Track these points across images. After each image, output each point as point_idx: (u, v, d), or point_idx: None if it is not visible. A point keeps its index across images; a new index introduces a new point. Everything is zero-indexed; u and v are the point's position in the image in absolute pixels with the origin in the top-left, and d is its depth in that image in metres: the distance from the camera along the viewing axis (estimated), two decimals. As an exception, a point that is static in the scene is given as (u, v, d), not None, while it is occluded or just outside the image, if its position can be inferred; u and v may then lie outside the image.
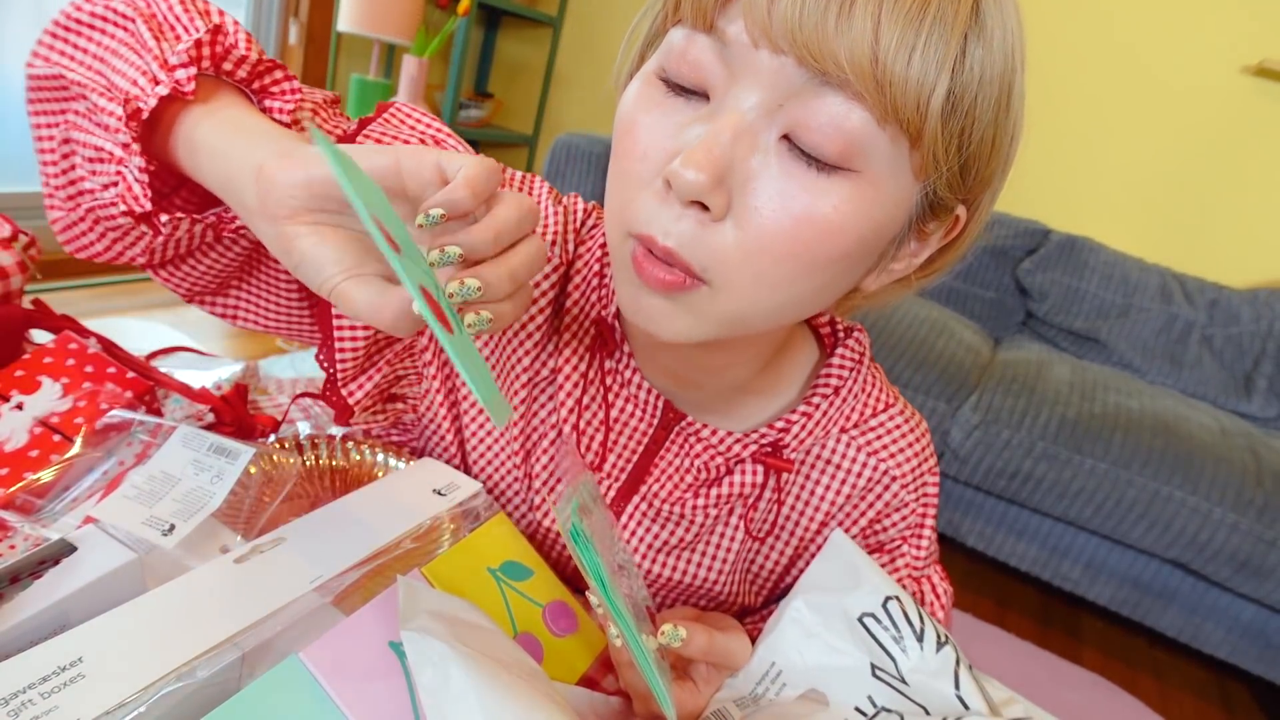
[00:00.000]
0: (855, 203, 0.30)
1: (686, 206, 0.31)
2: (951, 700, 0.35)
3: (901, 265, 0.37)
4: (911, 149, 0.30)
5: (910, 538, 0.46)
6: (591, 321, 0.44)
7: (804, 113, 0.29)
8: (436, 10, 2.45)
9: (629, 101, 0.34)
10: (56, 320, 0.52)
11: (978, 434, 1.51)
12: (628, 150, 0.33)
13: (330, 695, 0.28)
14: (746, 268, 0.31)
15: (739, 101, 0.30)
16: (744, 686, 0.38)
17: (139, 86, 0.34)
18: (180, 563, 0.35)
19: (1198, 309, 1.82)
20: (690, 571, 0.46)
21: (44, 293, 1.75)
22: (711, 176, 0.29)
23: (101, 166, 0.37)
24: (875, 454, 0.44)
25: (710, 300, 0.33)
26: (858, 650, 0.37)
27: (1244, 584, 1.40)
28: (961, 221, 0.36)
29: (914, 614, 0.37)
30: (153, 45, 0.35)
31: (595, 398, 0.44)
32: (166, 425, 0.43)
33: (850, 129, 0.29)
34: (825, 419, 0.43)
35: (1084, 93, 2.04)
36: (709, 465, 0.43)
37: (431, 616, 0.29)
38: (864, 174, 0.30)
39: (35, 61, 0.38)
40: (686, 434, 0.43)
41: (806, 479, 0.45)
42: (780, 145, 0.30)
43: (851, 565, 0.39)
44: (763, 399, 0.44)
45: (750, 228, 0.31)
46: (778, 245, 0.31)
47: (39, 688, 0.26)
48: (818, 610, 0.38)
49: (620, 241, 0.34)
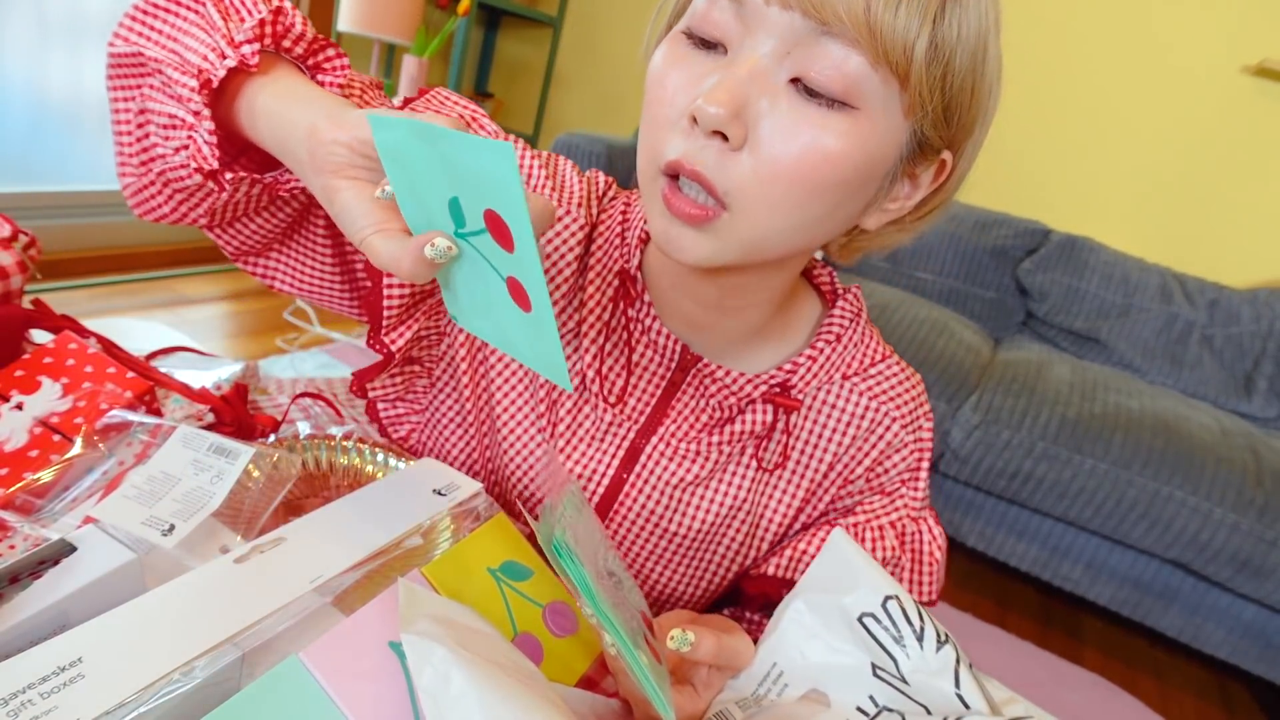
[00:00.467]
0: (854, 135, 0.35)
1: (709, 137, 0.35)
2: (952, 699, 0.35)
3: (896, 205, 0.41)
4: (901, 90, 0.35)
5: (909, 480, 0.50)
6: (614, 274, 0.48)
7: (809, 57, 0.34)
8: (436, 10, 2.45)
9: (658, 59, 0.39)
10: (56, 320, 0.52)
11: (978, 434, 1.51)
12: (658, 98, 0.38)
13: (330, 695, 0.28)
14: (761, 192, 0.36)
15: (754, 49, 0.35)
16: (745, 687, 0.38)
17: (209, 61, 0.38)
18: (180, 563, 0.35)
19: (1198, 309, 1.82)
20: (704, 508, 0.49)
21: (44, 293, 1.75)
22: (730, 110, 0.34)
23: (174, 133, 0.41)
24: (876, 398, 0.49)
25: (730, 225, 0.37)
26: (858, 650, 0.37)
27: (1244, 584, 1.40)
28: (948, 166, 0.41)
29: (914, 613, 0.37)
30: (220, 25, 0.39)
31: (617, 344, 0.48)
32: (166, 425, 0.43)
33: (849, 70, 0.34)
34: (829, 363, 0.48)
35: (1085, 93, 2.04)
36: (723, 405, 0.47)
37: (431, 620, 0.29)
38: (861, 110, 0.35)
39: (116, 41, 0.42)
40: (702, 376, 0.47)
41: (814, 423, 0.48)
42: (789, 87, 0.35)
43: (851, 565, 0.39)
44: (772, 345, 0.48)
45: (764, 156, 0.35)
46: (787, 171, 0.35)
47: (39, 688, 0.26)
48: (818, 610, 0.38)
49: (652, 179, 0.39)
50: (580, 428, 0.50)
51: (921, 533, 0.49)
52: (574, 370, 0.49)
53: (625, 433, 0.49)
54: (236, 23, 0.40)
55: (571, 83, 2.77)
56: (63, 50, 1.81)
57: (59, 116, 1.87)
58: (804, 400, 0.48)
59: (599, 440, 0.50)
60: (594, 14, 2.67)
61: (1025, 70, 2.09)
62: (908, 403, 0.50)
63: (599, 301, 0.48)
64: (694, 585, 0.53)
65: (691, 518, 0.50)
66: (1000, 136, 1.84)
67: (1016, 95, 2.11)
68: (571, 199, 0.49)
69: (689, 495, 0.49)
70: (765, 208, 0.36)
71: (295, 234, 0.50)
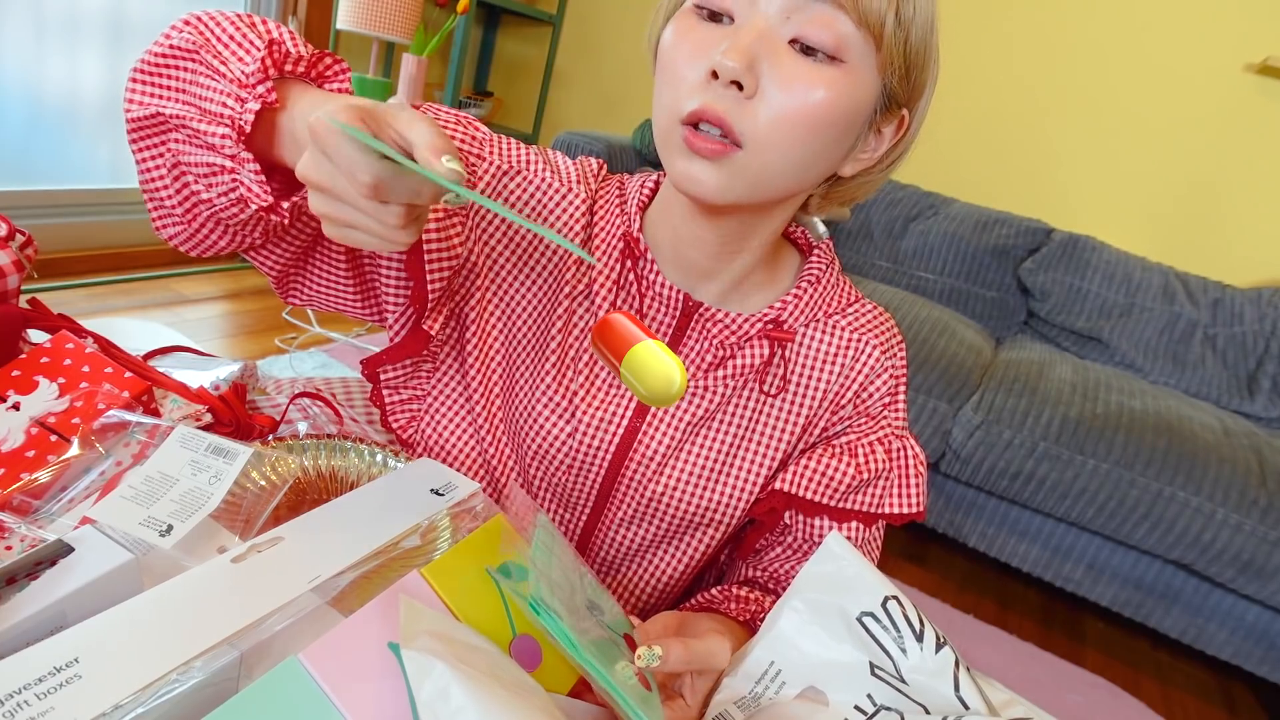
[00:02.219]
0: (842, 84, 0.43)
1: (727, 87, 0.42)
2: (951, 700, 0.35)
3: (867, 155, 0.49)
4: (876, 50, 0.43)
5: (889, 404, 0.56)
6: (618, 238, 0.54)
7: (805, 20, 0.42)
8: (436, 8, 2.45)
9: (670, 34, 0.45)
10: (53, 320, 0.52)
11: (979, 434, 1.51)
12: (674, 64, 0.44)
13: (329, 696, 0.27)
14: (771, 132, 0.43)
15: (760, 12, 0.42)
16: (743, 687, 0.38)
17: (228, 106, 0.43)
18: (178, 563, 0.35)
19: (1200, 308, 1.82)
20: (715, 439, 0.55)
21: (41, 292, 1.75)
22: (745, 63, 0.41)
23: (217, 179, 0.45)
24: (856, 330, 0.56)
25: (744, 162, 0.44)
26: (856, 649, 0.37)
27: (1247, 585, 1.40)
28: (906, 122, 0.49)
29: (913, 614, 0.37)
30: (224, 70, 0.44)
31: (626, 299, 0.54)
32: (164, 425, 0.43)
33: (838, 30, 0.42)
34: (812, 302, 0.55)
35: (1087, 91, 2.04)
36: (724, 344, 0.53)
37: (431, 636, 0.29)
38: (848, 64, 0.43)
39: (130, 106, 0.47)
40: (704, 319, 0.53)
41: (805, 355, 0.55)
42: (789, 47, 0.42)
43: (849, 566, 0.38)
44: (763, 290, 0.55)
45: (774, 102, 0.42)
46: (791, 115, 0.42)
47: (35, 688, 0.26)
48: (816, 609, 0.38)
49: (671, 130, 0.45)
50: (596, 379, 0.55)
51: (906, 449, 0.56)
52: (588, 327, 0.55)
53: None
54: (236, 63, 0.44)
55: (571, 81, 2.77)
56: (60, 49, 1.81)
57: (56, 115, 1.87)
58: (795, 335, 0.54)
59: (614, 389, 0.55)
60: (594, 12, 2.67)
61: (1027, 69, 2.09)
62: (883, 334, 0.57)
63: (606, 263, 0.54)
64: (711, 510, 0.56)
65: (705, 449, 0.55)
66: (1002, 136, 1.85)
67: (1018, 94, 2.11)
68: (570, 177, 0.55)
69: (701, 429, 0.55)
70: (773, 146, 0.43)
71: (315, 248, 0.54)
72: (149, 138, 0.48)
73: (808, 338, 0.55)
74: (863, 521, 0.55)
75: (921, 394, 1.57)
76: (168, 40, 0.46)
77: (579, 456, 0.55)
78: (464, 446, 0.58)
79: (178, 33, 0.46)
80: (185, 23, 0.47)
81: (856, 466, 0.54)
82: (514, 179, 0.53)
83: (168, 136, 0.48)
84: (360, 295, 0.56)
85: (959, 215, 2.03)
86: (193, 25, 0.47)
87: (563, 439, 0.54)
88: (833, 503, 0.54)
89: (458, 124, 0.53)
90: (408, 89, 2.07)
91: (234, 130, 0.43)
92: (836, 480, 0.54)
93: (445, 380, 0.59)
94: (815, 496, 0.54)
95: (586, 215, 0.55)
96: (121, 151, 2.02)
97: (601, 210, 0.56)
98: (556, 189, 0.54)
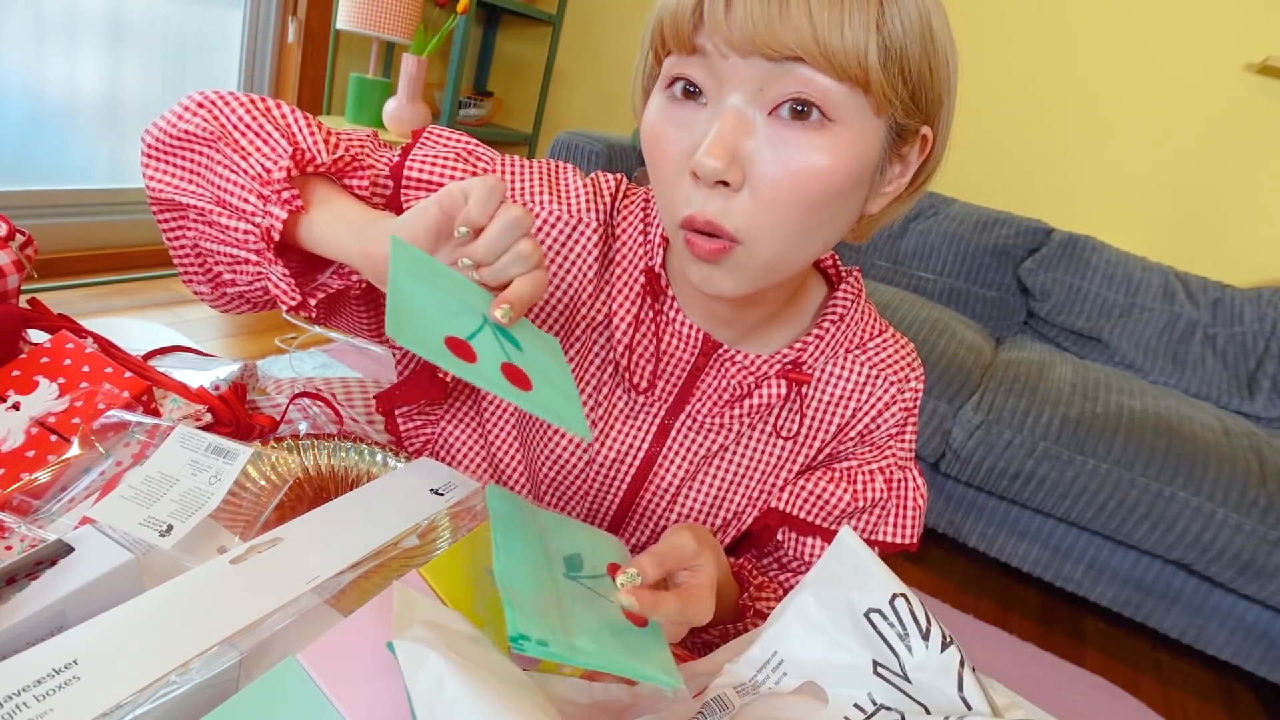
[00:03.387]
0: (836, 147, 0.39)
1: (713, 187, 0.40)
2: (954, 700, 0.35)
3: (892, 187, 0.45)
4: (866, 95, 0.39)
5: (896, 435, 0.56)
6: (640, 271, 0.53)
7: (780, 89, 0.38)
8: (436, 8, 2.45)
9: (651, 118, 0.43)
10: (53, 320, 0.52)
11: (979, 434, 1.51)
12: (660, 158, 0.43)
13: (327, 696, 0.27)
14: (767, 219, 0.40)
15: (731, 100, 0.39)
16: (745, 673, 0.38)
17: (250, 204, 0.45)
18: (178, 563, 0.35)
19: (1200, 308, 1.82)
20: (728, 469, 0.55)
21: (41, 292, 1.75)
22: (724, 160, 0.39)
23: (241, 268, 0.48)
24: (875, 367, 0.55)
25: (747, 256, 0.42)
26: (861, 647, 0.37)
27: (1247, 585, 1.40)
28: (930, 139, 0.44)
29: (920, 613, 0.37)
30: (244, 165, 0.45)
31: (645, 335, 0.53)
32: (164, 425, 0.43)
33: (816, 90, 0.38)
34: (833, 340, 0.53)
35: (1087, 91, 2.04)
36: (741, 383, 0.52)
37: (425, 626, 0.29)
38: (837, 123, 0.39)
39: (150, 183, 0.49)
40: (723, 360, 0.52)
41: (822, 393, 0.54)
42: (769, 120, 0.39)
43: (860, 562, 0.38)
44: (784, 328, 0.54)
45: (763, 188, 0.40)
46: (786, 194, 0.40)
47: (34, 690, 0.26)
48: (824, 604, 0.38)
49: (674, 230, 0.44)
50: (615, 410, 0.55)
51: (906, 480, 0.55)
52: (607, 359, 0.54)
53: (656, 412, 0.54)
54: (258, 157, 0.45)
55: (571, 81, 2.77)
56: (59, 49, 1.81)
57: (55, 115, 1.87)
58: (812, 377, 0.53)
59: (633, 419, 0.55)
60: (594, 12, 2.67)
61: (1027, 69, 2.09)
62: (901, 369, 0.55)
63: (627, 296, 0.53)
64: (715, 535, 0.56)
65: (715, 480, 0.56)
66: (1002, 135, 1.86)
67: (1018, 94, 2.11)
68: (579, 203, 0.53)
69: (715, 460, 0.55)
70: (773, 231, 0.41)
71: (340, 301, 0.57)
72: (166, 212, 0.50)
73: (826, 374, 0.54)
74: None
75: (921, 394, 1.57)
76: (181, 122, 0.47)
77: (595, 487, 0.55)
78: (470, 450, 0.58)
79: (191, 115, 0.47)
80: (199, 105, 0.48)
81: (853, 493, 0.54)
82: None
83: (183, 215, 0.49)
84: (369, 322, 0.57)
85: (959, 215, 2.03)
86: (206, 110, 0.47)
87: (579, 469, 0.55)
88: (825, 524, 0.54)
89: (457, 161, 0.51)
90: (407, 89, 2.07)
91: (260, 235, 0.45)
92: (831, 504, 0.53)
93: (460, 409, 0.59)
94: (808, 517, 0.54)
95: (600, 245, 0.53)
96: (121, 151, 2.03)
97: (623, 236, 0.54)
98: (566, 222, 0.52)
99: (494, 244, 0.39)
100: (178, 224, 0.50)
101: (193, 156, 0.48)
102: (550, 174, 0.54)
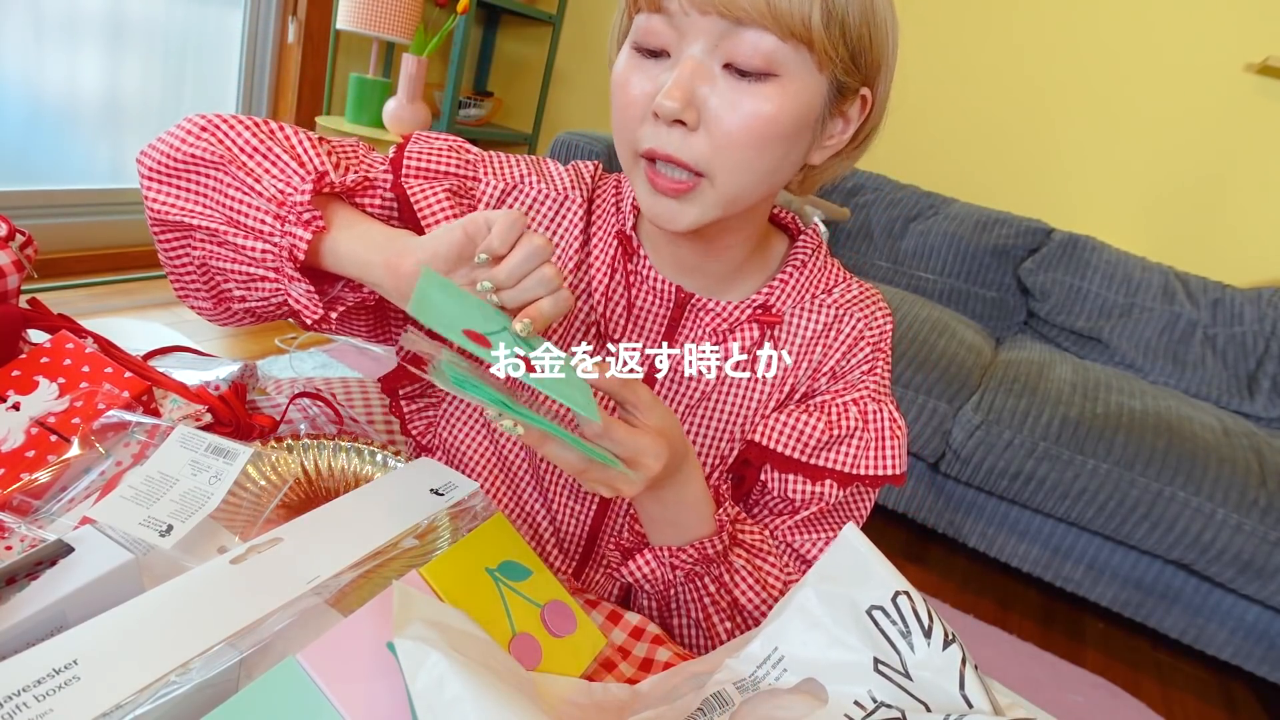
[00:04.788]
0: (781, 96, 0.44)
1: (671, 126, 0.45)
2: (955, 698, 0.35)
3: (834, 141, 0.50)
4: (810, 52, 0.44)
5: (868, 371, 0.58)
6: (614, 237, 0.57)
7: (733, 46, 0.43)
8: (436, 8, 2.45)
9: (619, 69, 0.48)
10: (53, 320, 0.52)
11: (979, 434, 1.51)
12: (624, 100, 0.47)
13: (327, 696, 0.27)
14: (725, 158, 0.45)
15: (689, 50, 0.44)
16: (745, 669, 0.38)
17: (267, 225, 0.47)
18: (178, 563, 0.35)
19: (1200, 308, 1.82)
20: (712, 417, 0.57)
21: (41, 292, 1.75)
22: (682, 101, 0.43)
23: (257, 285, 0.49)
24: (839, 306, 0.58)
25: (710, 190, 0.47)
26: (862, 645, 0.37)
27: (1247, 585, 1.40)
28: (869, 100, 0.49)
29: (923, 610, 0.37)
30: (258, 187, 0.47)
31: (618, 290, 0.56)
32: (164, 425, 0.43)
33: (764, 49, 0.43)
34: (798, 284, 0.57)
35: (1087, 91, 2.04)
36: (717, 330, 0.56)
37: (425, 624, 0.29)
38: (783, 76, 0.44)
39: (152, 204, 0.50)
40: (696, 309, 0.56)
41: (794, 336, 0.57)
42: (724, 72, 0.44)
43: (863, 559, 0.38)
44: (750, 278, 0.58)
45: (718, 130, 0.44)
46: (738, 136, 0.44)
47: (34, 690, 0.26)
48: (826, 601, 0.38)
49: (633, 163, 0.48)
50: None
51: (882, 412, 0.57)
52: (588, 321, 0.57)
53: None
54: (270, 179, 0.47)
55: (571, 81, 2.77)
56: (59, 49, 1.81)
57: (56, 115, 1.87)
58: (784, 317, 0.57)
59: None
60: (594, 13, 2.67)
61: (1027, 69, 2.09)
62: (866, 306, 0.59)
63: (604, 261, 0.56)
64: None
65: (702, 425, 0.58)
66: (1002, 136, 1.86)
67: (1018, 94, 2.11)
68: (563, 182, 0.58)
69: (700, 409, 0.57)
70: (731, 169, 0.46)
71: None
72: (172, 232, 0.51)
73: (795, 320, 0.57)
74: (838, 481, 0.55)
75: (921, 394, 1.57)
76: (186, 145, 0.48)
77: None
78: (478, 448, 0.59)
79: (195, 139, 0.48)
80: (201, 129, 0.49)
81: (828, 423, 0.54)
82: (511, 193, 0.56)
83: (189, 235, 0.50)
84: (372, 329, 0.59)
85: (959, 215, 2.03)
86: (210, 132, 0.49)
87: None
88: (804, 458, 0.54)
89: (450, 151, 0.56)
90: (408, 89, 2.07)
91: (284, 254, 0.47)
92: (807, 434, 0.54)
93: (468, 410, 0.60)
94: (786, 450, 0.54)
95: (585, 219, 0.57)
96: (121, 151, 2.03)
97: (599, 210, 0.58)
98: (553, 199, 0.57)
99: (516, 269, 0.42)
100: (181, 244, 0.51)
101: (200, 180, 0.49)
102: (534, 161, 0.59)
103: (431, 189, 0.53)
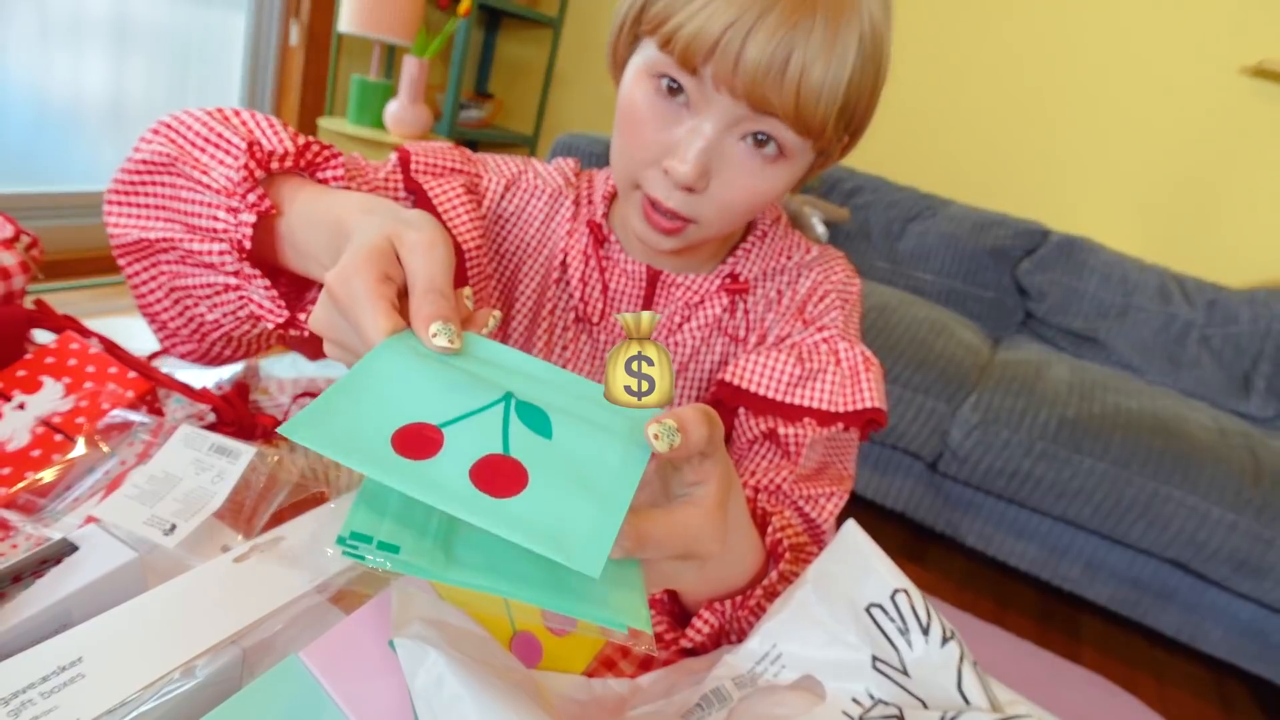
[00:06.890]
0: (783, 175, 0.48)
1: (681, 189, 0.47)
2: (953, 694, 0.35)
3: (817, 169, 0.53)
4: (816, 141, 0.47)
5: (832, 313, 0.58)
6: (585, 224, 0.59)
7: (752, 126, 0.45)
8: (437, 11, 2.46)
9: (637, 100, 0.48)
10: (58, 320, 0.52)
11: (977, 434, 1.52)
12: (639, 140, 0.48)
13: (330, 694, 0.28)
14: (720, 216, 0.49)
15: (712, 121, 0.45)
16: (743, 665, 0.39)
17: (220, 219, 0.42)
18: (181, 562, 0.35)
19: (1196, 309, 1.82)
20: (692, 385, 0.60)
21: (46, 293, 1.75)
22: (696, 174, 0.46)
23: (223, 297, 0.45)
24: (802, 265, 0.61)
25: (698, 231, 0.50)
26: (861, 642, 0.37)
27: (1242, 583, 1.40)
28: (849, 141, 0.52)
29: (921, 608, 0.37)
30: (206, 180, 0.42)
31: (593, 274, 0.59)
32: (168, 425, 0.43)
33: (781, 137, 0.46)
34: (761, 253, 0.60)
35: (1083, 93, 2.04)
36: (689, 303, 0.59)
37: (425, 623, 0.29)
38: (788, 158, 0.47)
39: (114, 231, 0.46)
40: (668, 286, 0.59)
41: (764, 302, 0.60)
42: (739, 144, 0.46)
43: (863, 556, 0.39)
44: (718, 251, 0.60)
45: (722, 198, 0.48)
46: (739, 205, 0.49)
47: (39, 687, 0.26)
48: (825, 599, 0.39)
49: (629, 189, 0.50)
50: (581, 353, 0.60)
51: (854, 350, 0.56)
52: (567, 306, 0.59)
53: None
54: (220, 169, 0.42)
55: (572, 83, 2.77)
56: (64, 51, 1.81)
57: (61, 117, 1.87)
58: (751, 286, 0.59)
59: (597, 358, 0.60)
60: (594, 14, 2.67)
61: (1024, 72, 2.09)
62: (826, 263, 0.61)
63: (579, 248, 0.59)
64: None
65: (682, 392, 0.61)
66: (999, 138, 1.86)
67: (1015, 97, 2.11)
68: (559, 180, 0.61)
69: (677, 378, 0.59)
70: (720, 221, 0.50)
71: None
72: (138, 260, 0.46)
73: (764, 287, 0.60)
74: (817, 420, 0.52)
75: (919, 394, 1.58)
76: (139, 155, 0.44)
77: None
78: None
79: (147, 144, 0.44)
80: (154, 132, 0.45)
81: (799, 358, 0.54)
82: (512, 187, 0.59)
83: (158, 258, 0.46)
84: None
85: (957, 216, 2.03)
86: (163, 134, 0.44)
87: None
88: (778, 396, 0.53)
89: (451, 149, 0.57)
90: (409, 91, 2.07)
91: (232, 247, 0.41)
92: (778, 372, 0.53)
93: None
94: (760, 390, 0.53)
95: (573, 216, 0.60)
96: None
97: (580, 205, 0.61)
98: (552, 194, 0.60)
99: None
100: (148, 271, 0.47)
101: (154, 190, 0.44)
102: (525, 161, 0.62)
103: (449, 183, 0.54)
